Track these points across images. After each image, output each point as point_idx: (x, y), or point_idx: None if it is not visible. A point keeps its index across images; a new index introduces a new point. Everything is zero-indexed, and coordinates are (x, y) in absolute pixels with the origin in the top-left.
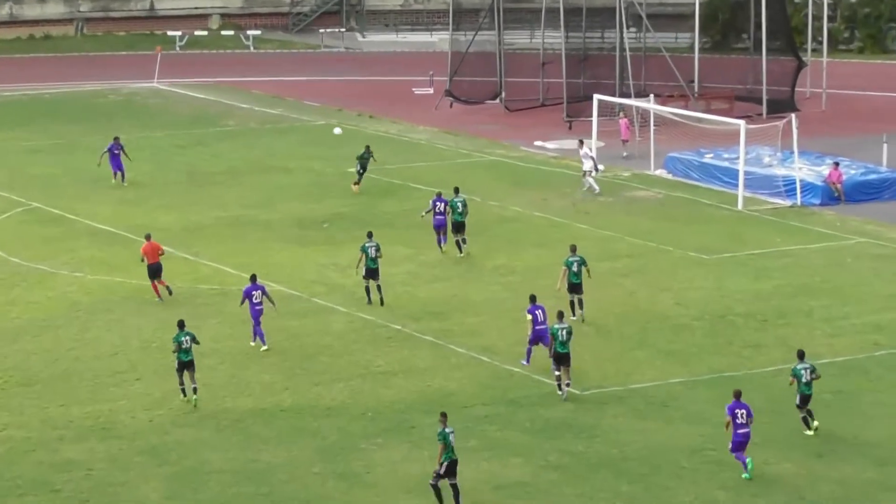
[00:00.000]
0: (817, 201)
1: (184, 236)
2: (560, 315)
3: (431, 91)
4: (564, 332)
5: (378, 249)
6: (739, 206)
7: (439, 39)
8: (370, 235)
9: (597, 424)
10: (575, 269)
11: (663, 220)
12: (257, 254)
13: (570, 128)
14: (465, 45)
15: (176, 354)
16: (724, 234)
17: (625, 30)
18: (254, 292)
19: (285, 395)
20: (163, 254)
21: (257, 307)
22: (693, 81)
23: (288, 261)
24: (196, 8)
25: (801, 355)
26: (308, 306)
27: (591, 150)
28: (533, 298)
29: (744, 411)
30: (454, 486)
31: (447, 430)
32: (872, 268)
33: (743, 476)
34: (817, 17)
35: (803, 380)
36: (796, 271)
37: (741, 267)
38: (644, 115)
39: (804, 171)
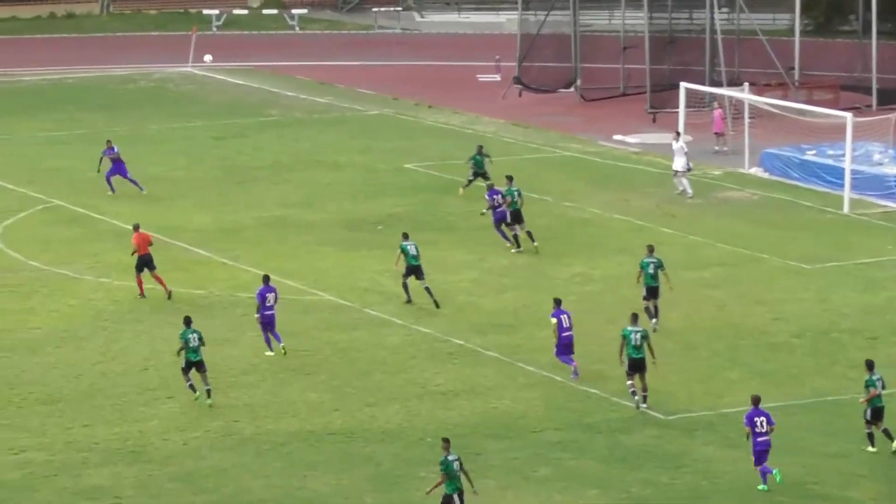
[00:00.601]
0: None
1: (221, 239)
2: (634, 317)
3: (498, 78)
4: (638, 336)
5: (417, 249)
6: (845, 210)
7: (507, 20)
8: (406, 236)
9: (683, 453)
10: (651, 271)
11: (759, 225)
12: (302, 258)
13: (653, 120)
14: (536, 26)
15: (183, 354)
16: (828, 240)
17: (716, 10)
18: (268, 295)
19: (334, 416)
20: (152, 244)
21: (269, 311)
22: (793, 68)
23: (336, 267)
24: None
25: (870, 366)
26: (360, 318)
27: (685, 145)
28: (558, 302)
29: (763, 419)
30: None
31: (450, 457)
32: None
33: (759, 488)
34: None
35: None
36: None
37: (847, 277)
38: (737, 105)
39: None
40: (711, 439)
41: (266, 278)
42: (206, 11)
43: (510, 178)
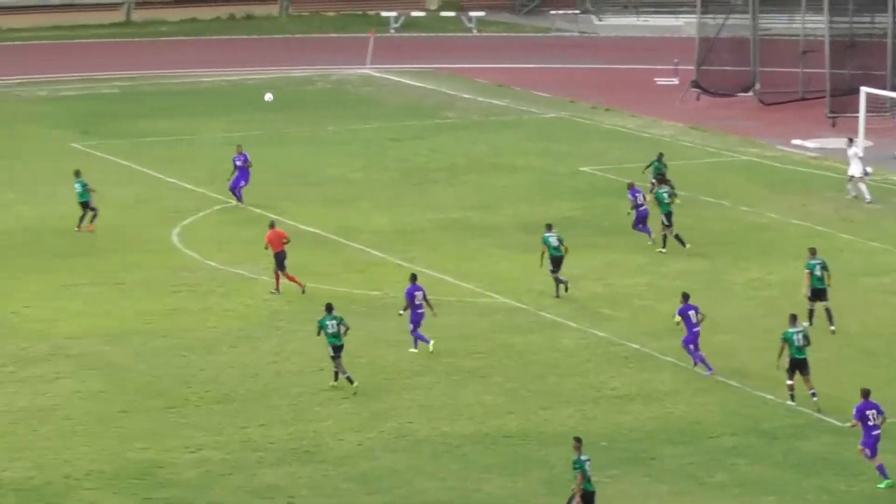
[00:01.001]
0: None
1: (397, 240)
2: (793, 318)
3: (676, 81)
4: (801, 337)
5: (561, 241)
6: None
7: (686, 23)
8: (549, 227)
9: (861, 460)
10: (818, 273)
11: None
12: (478, 261)
13: (833, 125)
14: (715, 29)
15: (326, 339)
16: None
17: None
18: (416, 293)
19: (509, 419)
20: (287, 242)
21: (419, 311)
22: None
23: (512, 270)
24: None
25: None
26: (535, 320)
27: (860, 151)
28: (686, 297)
29: (874, 411)
30: None
31: (583, 457)
32: None
33: (878, 486)
34: None
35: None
36: None
37: None
38: None
39: None
40: (890, 447)
41: (413, 277)
42: (384, 13)
43: (662, 180)
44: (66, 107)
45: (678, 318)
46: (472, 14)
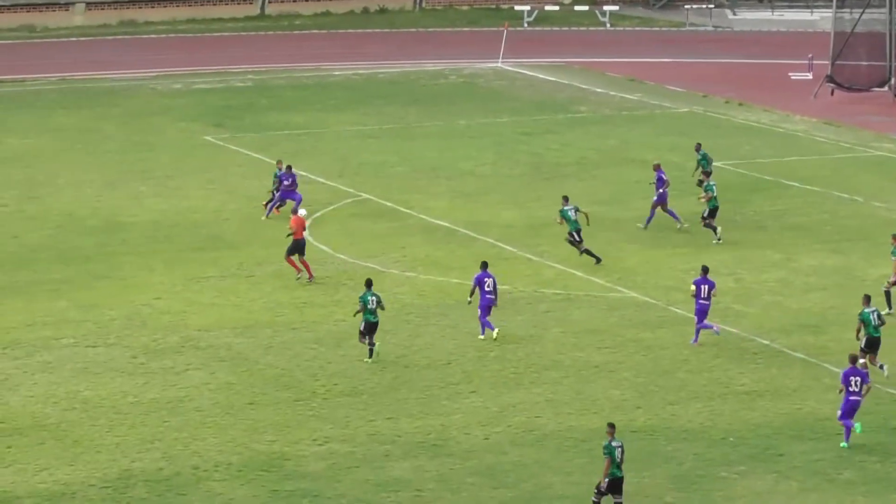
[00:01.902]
0: None
1: (528, 234)
2: (867, 299)
3: (810, 76)
4: (876, 316)
5: (577, 211)
6: None
7: (821, 18)
8: (566, 200)
9: None
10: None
11: None
12: (608, 255)
13: None
14: (851, 24)
15: (362, 315)
16: None
17: None
18: (486, 280)
19: (637, 413)
20: (305, 230)
21: (488, 296)
22: None
23: (642, 264)
24: None
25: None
26: (665, 315)
27: None
28: (705, 269)
29: (859, 378)
30: None
31: (614, 443)
32: None
33: (842, 445)
34: None
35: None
36: None
37: None
38: None
39: None
40: None
41: (484, 265)
42: (517, 7)
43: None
44: (199, 100)
45: (693, 288)
46: (606, 8)
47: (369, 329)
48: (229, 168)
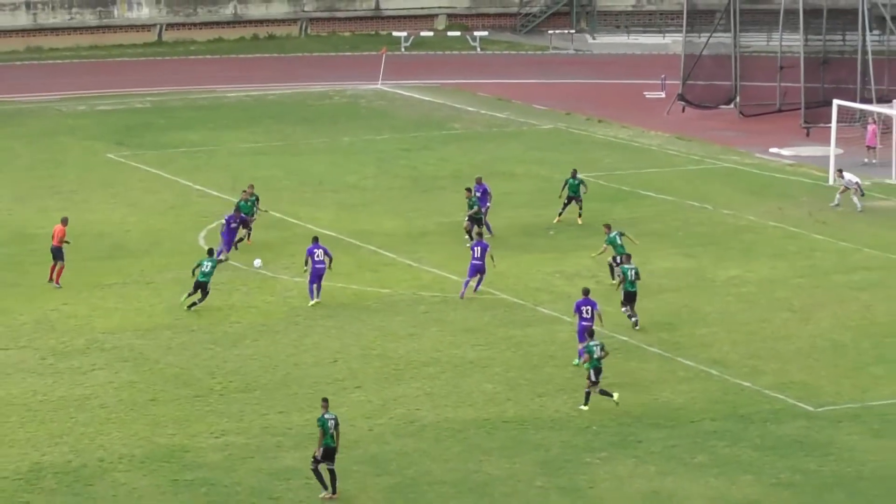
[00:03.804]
0: None
1: (407, 242)
2: (628, 257)
3: (663, 95)
4: (633, 273)
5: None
6: None
7: (672, 41)
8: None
9: (830, 442)
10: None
11: None
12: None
13: (807, 134)
14: (699, 47)
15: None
16: None
17: (867, 32)
18: (315, 251)
19: (508, 405)
20: (65, 243)
21: (318, 265)
22: None
23: (512, 268)
24: (422, 8)
25: (591, 334)
26: (533, 315)
27: (853, 178)
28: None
29: (590, 307)
30: (331, 472)
31: (327, 416)
32: None
33: (574, 362)
34: None
35: (595, 355)
36: None
37: None
38: (886, 121)
39: None
40: (857, 430)
41: (315, 238)
42: (395, 33)
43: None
44: (102, 120)
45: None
46: (477, 33)
47: (198, 287)
48: (130, 183)
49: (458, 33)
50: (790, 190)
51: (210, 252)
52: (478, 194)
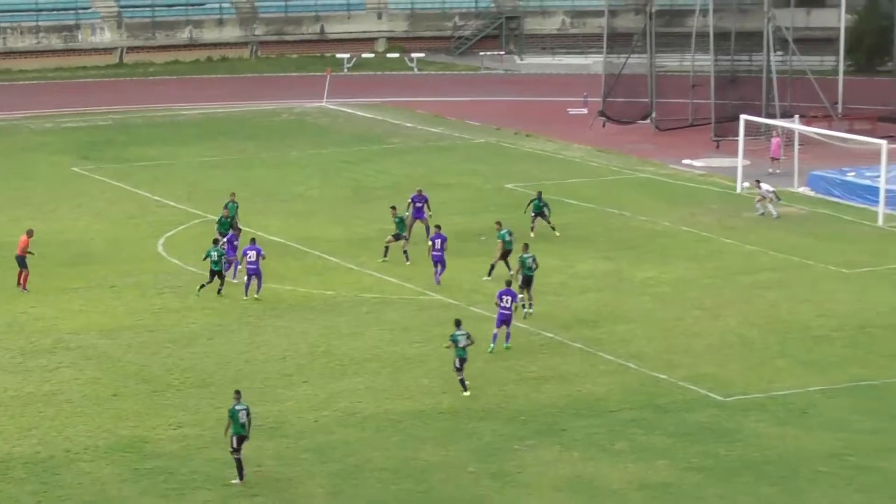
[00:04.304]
0: None
1: (349, 247)
2: (525, 246)
3: (585, 111)
4: (530, 260)
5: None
6: (880, 223)
7: (593, 62)
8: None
9: (738, 429)
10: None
11: (806, 236)
12: (418, 265)
13: (717, 147)
14: (619, 67)
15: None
16: (865, 249)
17: (772, 53)
18: (249, 252)
19: (443, 398)
20: (29, 253)
21: (250, 265)
22: (837, 103)
23: (447, 272)
24: (363, 32)
25: (458, 323)
26: (466, 314)
27: (769, 187)
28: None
29: (510, 297)
30: (237, 460)
31: (238, 406)
32: None
33: (490, 348)
34: None
35: (460, 344)
36: None
37: (882, 281)
38: (788, 134)
39: None
40: (762, 418)
41: (252, 240)
42: (339, 55)
43: (500, 223)
44: (67, 137)
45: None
46: (414, 55)
47: (213, 275)
48: (94, 195)
49: (396, 55)
50: (701, 198)
51: (216, 241)
52: (418, 204)
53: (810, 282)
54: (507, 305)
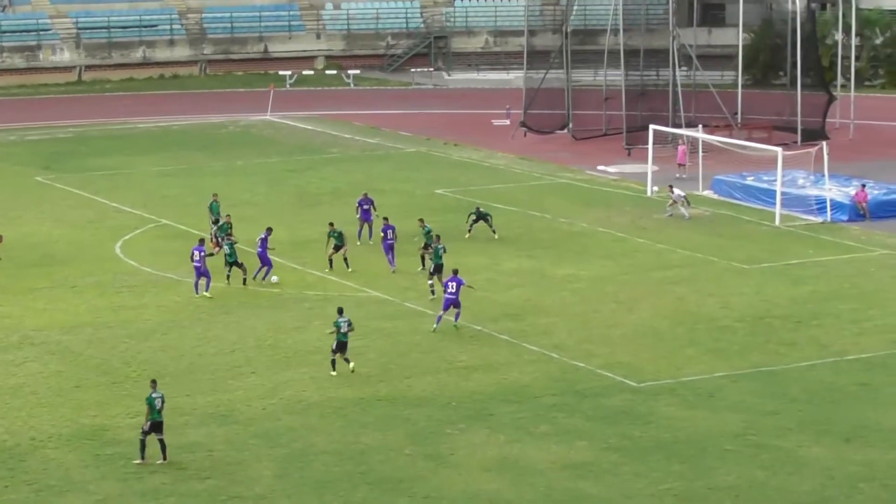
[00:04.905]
0: (845, 218)
1: (294, 248)
2: (437, 238)
3: (508, 122)
4: (442, 249)
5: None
6: (777, 223)
7: (515, 77)
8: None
9: (651, 412)
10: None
11: (710, 235)
12: (357, 264)
13: (629, 154)
14: (538, 82)
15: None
16: (763, 246)
17: (677, 68)
18: (195, 252)
19: (381, 386)
20: None
21: (196, 264)
22: (737, 113)
23: (383, 271)
24: (304, 51)
25: (340, 311)
26: (401, 310)
27: (680, 192)
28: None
29: (455, 284)
30: (161, 441)
31: (154, 395)
32: (894, 276)
33: (433, 328)
34: (846, 57)
35: (342, 330)
36: (827, 279)
37: (779, 275)
38: (693, 142)
39: (833, 191)
40: (673, 402)
41: (201, 240)
42: (281, 72)
43: (422, 220)
44: (31, 148)
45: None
46: (350, 72)
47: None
48: (57, 201)
49: (334, 72)
50: (615, 201)
51: (219, 239)
52: (365, 206)
53: (715, 277)
54: (453, 291)
